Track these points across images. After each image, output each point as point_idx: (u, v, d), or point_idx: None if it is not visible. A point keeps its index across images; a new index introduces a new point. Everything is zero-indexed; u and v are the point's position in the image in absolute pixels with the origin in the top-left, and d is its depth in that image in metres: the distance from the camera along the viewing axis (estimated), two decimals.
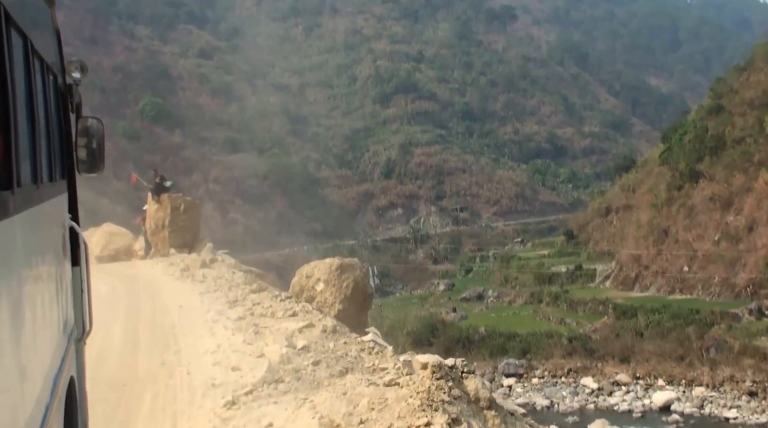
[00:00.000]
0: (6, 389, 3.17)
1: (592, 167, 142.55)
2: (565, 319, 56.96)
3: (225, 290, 20.35)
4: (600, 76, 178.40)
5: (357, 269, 25.36)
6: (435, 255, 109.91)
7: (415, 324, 60.51)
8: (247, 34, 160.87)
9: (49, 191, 5.11)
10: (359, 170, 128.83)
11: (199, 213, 30.39)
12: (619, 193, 76.35)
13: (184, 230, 28.62)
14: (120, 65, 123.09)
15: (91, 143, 6.63)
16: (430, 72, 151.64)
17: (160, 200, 28.86)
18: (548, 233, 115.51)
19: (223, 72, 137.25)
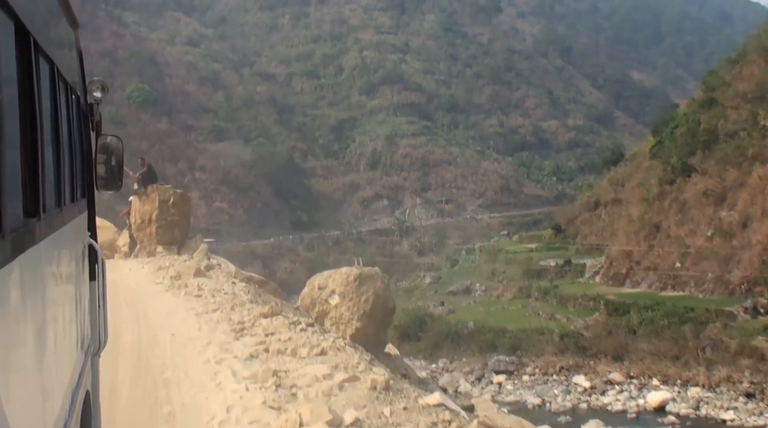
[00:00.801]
0: (30, 405, 3.19)
1: (577, 161, 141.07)
2: (555, 315, 55.11)
3: (227, 309, 16.48)
4: (584, 69, 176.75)
5: (378, 279, 22.22)
6: (420, 247, 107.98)
7: (403, 317, 58.37)
8: (234, 23, 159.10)
9: (71, 212, 5.14)
10: (345, 161, 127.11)
11: (189, 207, 27.11)
12: (608, 187, 74.55)
13: (173, 226, 25.33)
14: (107, 51, 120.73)
15: (110, 160, 6.67)
16: (416, 63, 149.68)
17: (147, 192, 25.68)
18: (533, 226, 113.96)
19: (210, 60, 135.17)
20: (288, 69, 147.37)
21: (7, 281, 2.76)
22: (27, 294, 3.20)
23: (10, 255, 2.75)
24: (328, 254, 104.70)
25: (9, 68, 2.95)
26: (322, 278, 22.30)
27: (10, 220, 2.77)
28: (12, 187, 2.90)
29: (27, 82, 3.36)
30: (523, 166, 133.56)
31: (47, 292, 3.83)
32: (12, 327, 2.88)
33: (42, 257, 3.65)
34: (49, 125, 4.12)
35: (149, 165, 26.66)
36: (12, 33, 3.03)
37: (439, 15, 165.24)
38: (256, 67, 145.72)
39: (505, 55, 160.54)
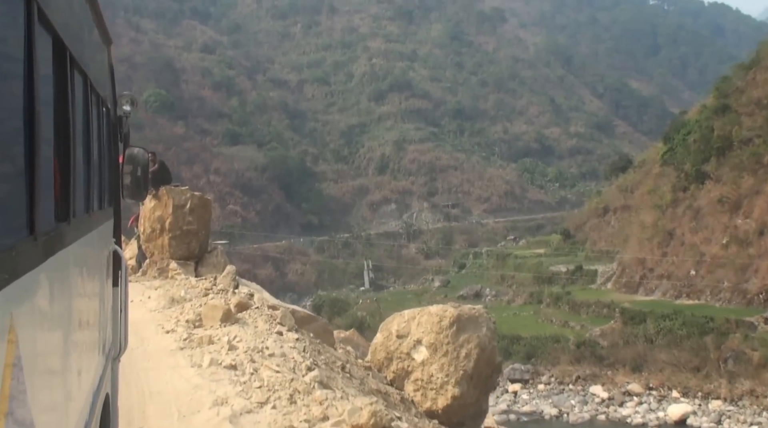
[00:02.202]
0: (54, 405, 3.17)
1: (578, 167, 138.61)
2: (568, 322, 52.11)
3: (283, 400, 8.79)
4: (584, 78, 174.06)
5: (483, 324, 14.47)
6: (427, 250, 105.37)
7: None
8: (248, 31, 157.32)
9: (99, 218, 5.15)
10: (354, 165, 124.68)
11: (210, 213, 21.00)
12: (617, 193, 71.64)
13: (189, 236, 19.77)
14: (126, 57, 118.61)
15: (136, 170, 6.73)
16: (423, 71, 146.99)
17: (158, 194, 20.07)
18: (536, 230, 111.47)
19: (225, 66, 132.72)
20: (300, 76, 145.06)
21: (38, 281, 2.76)
22: (55, 295, 3.18)
23: (41, 257, 2.76)
24: (337, 257, 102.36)
25: (46, 80, 2.94)
26: (402, 322, 14.75)
27: (42, 223, 2.77)
28: (45, 192, 2.89)
29: (62, 94, 3.37)
30: (526, 172, 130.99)
31: (73, 294, 3.81)
32: (39, 327, 2.83)
33: (70, 260, 3.64)
34: (81, 135, 4.13)
35: (161, 162, 20.51)
36: (50, 47, 3.04)
37: (445, 24, 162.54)
38: (269, 73, 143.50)
39: (509, 64, 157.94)
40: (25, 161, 2.56)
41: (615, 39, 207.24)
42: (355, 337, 18.83)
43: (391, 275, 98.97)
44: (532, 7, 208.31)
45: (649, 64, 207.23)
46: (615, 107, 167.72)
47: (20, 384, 2.40)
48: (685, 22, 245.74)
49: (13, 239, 2.38)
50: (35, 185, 2.62)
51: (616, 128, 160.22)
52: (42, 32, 2.75)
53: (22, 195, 2.55)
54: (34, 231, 2.62)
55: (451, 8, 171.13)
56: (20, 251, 2.41)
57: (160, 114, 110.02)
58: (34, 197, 2.62)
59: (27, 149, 2.57)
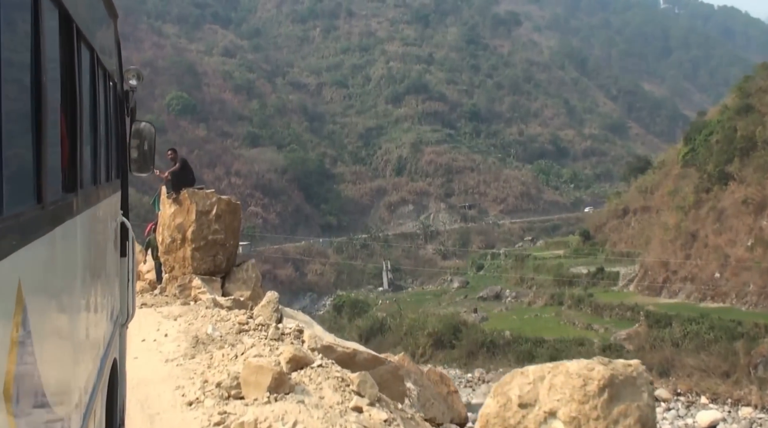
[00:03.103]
0: (63, 368, 3.23)
1: (593, 168, 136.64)
2: (591, 325, 50.27)
3: None
4: (598, 80, 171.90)
5: (643, 388, 9.66)
6: (444, 251, 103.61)
7: (436, 324, 53.86)
8: (269, 35, 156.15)
9: (106, 190, 5.15)
10: (372, 167, 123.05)
11: (239, 220, 17.75)
12: (636, 194, 69.56)
13: (215, 248, 16.47)
14: (148, 61, 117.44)
15: (143, 144, 6.59)
16: (439, 74, 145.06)
17: (180, 198, 16.71)
18: (552, 231, 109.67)
19: (245, 70, 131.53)
20: (318, 79, 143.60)
21: (45, 248, 2.77)
22: (63, 263, 3.21)
23: (48, 225, 2.78)
24: (356, 257, 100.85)
25: (52, 53, 2.92)
26: (525, 384, 9.79)
27: (50, 193, 2.80)
28: (52, 163, 2.90)
29: (68, 67, 3.33)
30: (542, 173, 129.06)
31: (81, 263, 3.79)
32: (48, 292, 2.85)
33: (78, 229, 3.64)
34: (88, 107, 4.08)
35: (183, 160, 17.53)
36: (56, 19, 3.02)
37: (461, 28, 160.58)
38: (288, 77, 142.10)
39: (524, 67, 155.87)
40: (31, 132, 2.55)
41: (627, 42, 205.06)
42: (406, 362, 16.16)
43: (409, 276, 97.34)
44: (546, 11, 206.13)
45: (660, 67, 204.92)
46: (628, 109, 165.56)
47: (29, 346, 2.42)
48: (696, 25, 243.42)
49: (21, 207, 2.39)
50: (42, 156, 2.60)
51: (630, 129, 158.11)
52: (47, 4, 2.69)
53: (29, 165, 2.55)
54: (42, 200, 2.62)
55: (467, 12, 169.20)
56: (27, 218, 2.42)
57: (182, 117, 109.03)
58: (41, 167, 2.60)
59: (33, 121, 2.55)
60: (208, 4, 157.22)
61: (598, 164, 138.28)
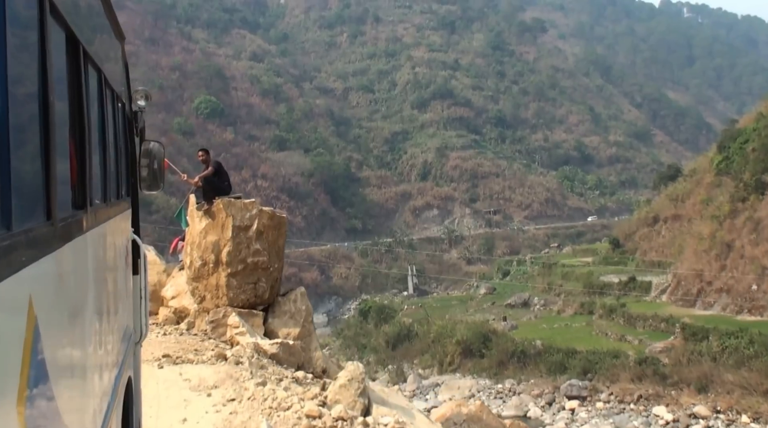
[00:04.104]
0: (77, 386, 3.21)
1: (617, 175, 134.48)
2: (625, 336, 48.09)
3: None
4: (623, 88, 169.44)
5: None
6: (469, 256, 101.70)
7: (464, 332, 51.93)
8: (296, 40, 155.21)
9: (116, 208, 5.12)
10: (397, 171, 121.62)
11: (284, 237, 14.33)
12: (667, 202, 67.20)
13: (257, 273, 13.28)
14: (177, 65, 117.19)
15: (152, 163, 6.56)
16: (465, 80, 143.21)
17: (212, 209, 13.49)
18: (577, 237, 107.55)
19: (273, 74, 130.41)
20: (345, 84, 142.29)
21: (56, 265, 2.77)
22: (74, 280, 3.19)
23: (59, 242, 2.79)
24: (380, 261, 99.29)
25: (60, 75, 2.96)
26: None
27: (60, 210, 2.81)
28: (62, 181, 2.94)
29: (76, 89, 3.38)
30: (566, 179, 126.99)
31: (92, 280, 3.78)
32: (59, 309, 2.85)
33: (88, 246, 3.64)
34: (97, 128, 4.10)
35: (217, 163, 14.35)
36: (63, 42, 3.05)
37: (487, 34, 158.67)
38: (315, 81, 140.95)
39: (550, 73, 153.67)
40: (41, 150, 2.57)
41: (652, 50, 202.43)
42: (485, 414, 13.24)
43: (434, 281, 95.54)
44: (571, 18, 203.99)
45: (684, 75, 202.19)
46: (652, 117, 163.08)
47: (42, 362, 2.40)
48: (719, 34, 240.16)
49: (31, 223, 2.41)
50: (51, 173, 2.63)
51: (654, 137, 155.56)
52: (55, 27, 2.74)
53: (39, 182, 2.57)
54: (52, 217, 2.63)
55: (493, 19, 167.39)
56: (37, 234, 2.43)
57: (210, 120, 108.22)
58: (50, 184, 2.63)
59: (42, 140, 2.57)
60: (237, 9, 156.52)
61: (622, 171, 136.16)
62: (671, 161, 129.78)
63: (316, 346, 12.74)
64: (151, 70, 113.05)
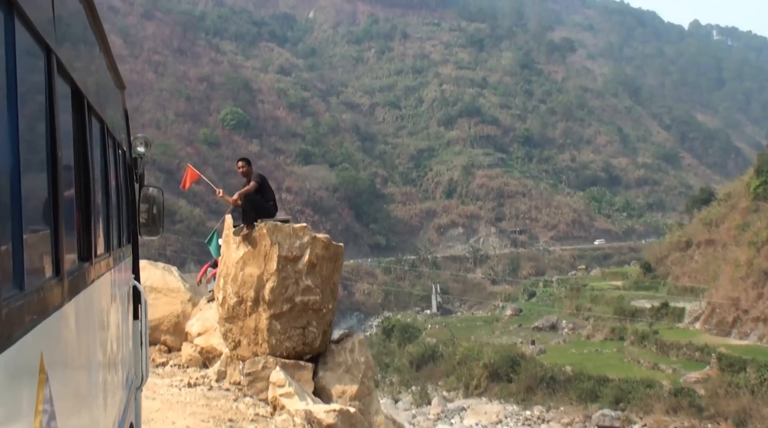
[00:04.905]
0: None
1: (645, 198, 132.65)
2: (658, 364, 46.62)
3: None
4: (651, 109, 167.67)
5: None
6: (494, 276, 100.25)
7: (492, 355, 50.61)
8: (324, 55, 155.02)
9: (119, 255, 5.14)
10: (422, 189, 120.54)
11: (340, 269, 12.15)
12: (700, 227, 65.63)
13: (306, 314, 11.09)
14: (205, 76, 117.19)
15: (152, 209, 6.71)
16: (493, 98, 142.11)
17: (253, 235, 11.25)
18: (603, 260, 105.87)
19: (300, 88, 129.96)
20: (372, 99, 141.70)
21: (64, 319, 2.82)
22: (80, 332, 3.25)
23: (66, 296, 2.83)
24: (404, 279, 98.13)
25: (65, 127, 3.03)
26: None
27: (68, 264, 2.85)
28: (69, 234, 2.97)
29: (80, 140, 3.43)
30: (594, 200, 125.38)
31: (97, 330, 3.85)
32: (67, 363, 2.90)
33: (93, 297, 3.69)
34: (100, 177, 4.18)
35: (261, 176, 11.98)
36: (69, 96, 3.15)
37: (515, 53, 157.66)
38: (342, 96, 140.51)
39: (578, 93, 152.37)
40: (48, 205, 2.62)
41: (681, 72, 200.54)
42: None
43: (457, 300, 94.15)
44: (600, 38, 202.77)
45: (714, 98, 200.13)
46: (681, 139, 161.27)
47: (52, 417, 2.44)
48: (749, 57, 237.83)
49: (41, 280, 2.44)
50: (59, 229, 2.67)
51: (682, 159, 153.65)
52: (61, 83, 2.83)
53: (47, 238, 2.61)
54: (60, 272, 2.66)
55: (522, 37, 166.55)
56: (47, 292, 2.46)
57: (236, 132, 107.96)
58: (57, 239, 2.66)
59: (50, 195, 2.63)
60: (266, 22, 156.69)
61: (650, 194, 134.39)
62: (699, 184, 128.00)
63: (377, 408, 10.74)
64: (179, 81, 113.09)
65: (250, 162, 12.36)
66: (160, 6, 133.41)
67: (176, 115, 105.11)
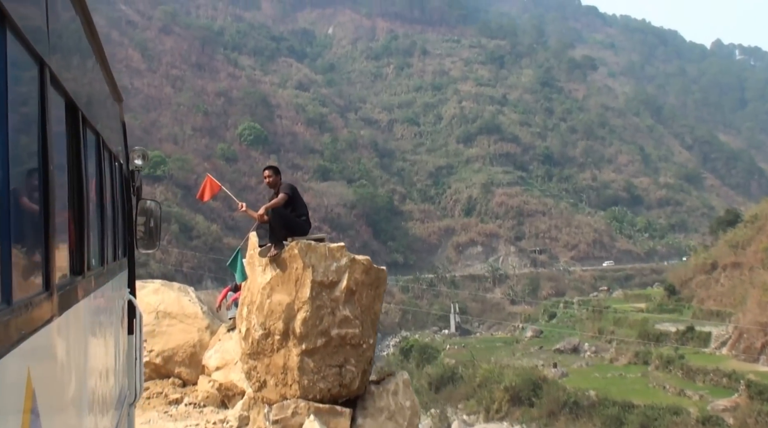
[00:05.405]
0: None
1: (667, 218, 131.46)
2: (684, 390, 45.86)
3: None
4: (673, 129, 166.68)
5: None
6: (513, 296, 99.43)
7: (513, 378, 49.95)
8: (342, 70, 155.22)
9: (113, 269, 5.12)
10: (441, 206, 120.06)
11: (381, 298, 10.37)
12: (726, 249, 64.83)
13: (343, 351, 9.59)
14: (223, 91, 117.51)
15: (149, 222, 6.64)
16: (513, 115, 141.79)
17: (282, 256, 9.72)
18: (625, 281, 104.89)
19: (318, 104, 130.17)
20: (390, 116, 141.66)
21: (55, 334, 2.80)
22: (71, 347, 3.23)
23: (57, 311, 2.80)
24: (422, 297, 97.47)
25: (59, 141, 3.04)
26: None
27: (59, 277, 2.84)
28: (60, 247, 2.96)
29: (75, 153, 3.44)
30: (615, 220, 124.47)
31: (89, 344, 3.81)
32: (56, 378, 2.89)
33: (86, 311, 3.65)
34: (95, 190, 4.18)
35: (291, 187, 10.34)
36: (63, 109, 3.14)
37: (536, 70, 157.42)
38: (360, 112, 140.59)
39: (599, 112, 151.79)
40: (39, 218, 2.60)
41: (703, 91, 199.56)
42: None
43: (476, 320, 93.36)
44: (621, 57, 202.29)
45: (736, 118, 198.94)
46: (703, 159, 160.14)
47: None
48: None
49: (29, 294, 2.41)
50: (50, 242, 2.65)
51: (705, 180, 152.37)
52: (55, 95, 2.82)
53: (37, 252, 2.59)
54: (50, 286, 2.63)
55: (543, 55, 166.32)
56: (36, 306, 2.44)
57: (253, 147, 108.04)
58: (48, 252, 2.64)
59: (41, 208, 2.61)
60: (284, 38, 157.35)
61: (672, 214, 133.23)
62: (722, 206, 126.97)
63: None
64: (197, 96, 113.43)
65: (278, 170, 10.54)
66: (179, 21, 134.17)
67: (194, 130, 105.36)
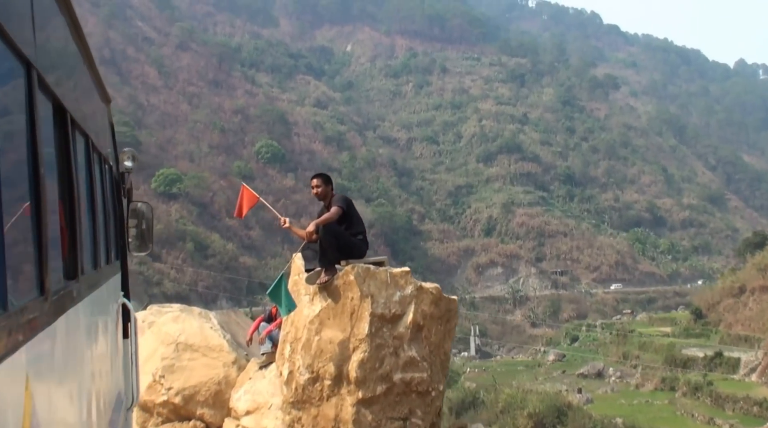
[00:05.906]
0: None
1: (690, 240, 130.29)
2: (714, 419, 44.99)
3: None
4: (697, 149, 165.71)
5: None
6: (534, 318, 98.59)
7: (537, 404, 49.12)
8: (361, 88, 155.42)
9: (107, 273, 5.15)
10: (460, 226, 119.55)
11: (453, 334, 8.83)
12: (755, 272, 63.96)
13: (408, 399, 8.00)
14: (240, 108, 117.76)
15: (140, 224, 6.61)
16: (533, 134, 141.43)
17: (334, 282, 8.08)
18: (648, 304, 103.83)
19: (336, 122, 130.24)
20: (409, 134, 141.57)
21: (50, 340, 2.79)
22: (67, 352, 3.24)
23: (52, 316, 2.79)
24: None
25: (48, 143, 3.04)
26: None
27: (53, 282, 2.80)
28: (53, 252, 2.94)
29: (64, 156, 3.43)
30: (637, 242, 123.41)
31: (85, 349, 3.84)
32: (53, 384, 2.88)
33: (81, 316, 3.66)
34: (85, 193, 4.18)
35: (345, 200, 8.83)
36: (50, 111, 3.14)
37: (557, 89, 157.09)
38: (379, 130, 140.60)
39: (621, 131, 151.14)
40: (31, 223, 2.59)
41: (727, 111, 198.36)
42: None
43: (496, 342, 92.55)
44: (644, 76, 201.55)
45: (761, 139, 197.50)
46: (727, 180, 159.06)
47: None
48: None
49: (25, 300, 2.41)
50: (43, 247, 2.63)
51: (728, 201, 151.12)
52: (42, 98, 2.81)
53: (31, 257, 2.59)
54: (45, 291, 2.63)
55: (564, 73, 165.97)
56: (32, 312, 2.44)
57: (270, 165, 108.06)
58: (42, 258, 2.63)
59: (33, 212, 2.61)
60: (302, 55, 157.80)
61: (696, 236, 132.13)
62: (746, 228, 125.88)
63: None
64: (214, 113, 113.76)
65: (329, 179, 8.94)
66: (196, 37, 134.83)
67: (210, 147, 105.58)
